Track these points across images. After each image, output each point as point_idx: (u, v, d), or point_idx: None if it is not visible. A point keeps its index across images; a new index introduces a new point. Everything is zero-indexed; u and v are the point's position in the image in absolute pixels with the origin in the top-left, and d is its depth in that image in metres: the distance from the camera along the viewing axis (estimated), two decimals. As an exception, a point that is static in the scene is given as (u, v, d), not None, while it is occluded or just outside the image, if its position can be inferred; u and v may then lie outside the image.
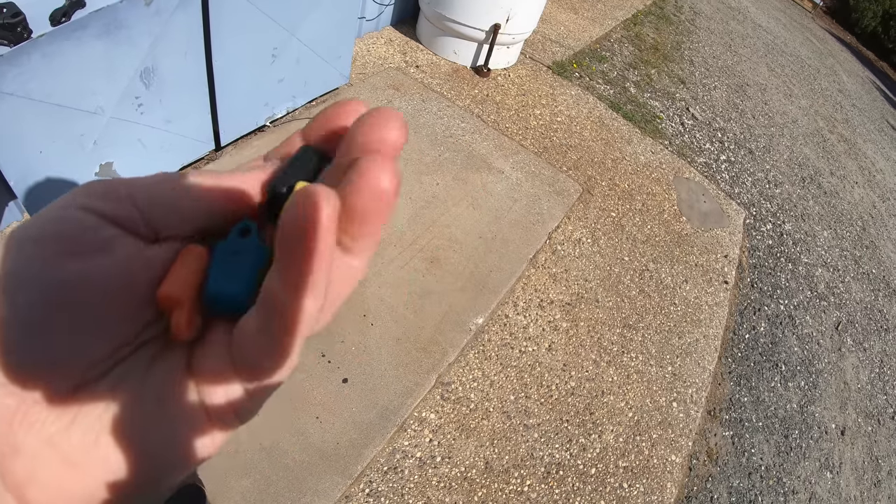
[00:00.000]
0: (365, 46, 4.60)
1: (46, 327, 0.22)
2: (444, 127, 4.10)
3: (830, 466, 3.52)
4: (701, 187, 4.82)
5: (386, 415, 2.57)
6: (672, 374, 3.32)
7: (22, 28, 1.99)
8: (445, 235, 3.37)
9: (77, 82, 2.22)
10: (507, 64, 5.00)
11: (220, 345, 0.26)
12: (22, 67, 1.99)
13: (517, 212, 3.71)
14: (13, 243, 0.23)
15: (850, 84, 9.76)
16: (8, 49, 1.96)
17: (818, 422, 3.72)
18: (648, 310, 3.59)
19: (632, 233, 4.04)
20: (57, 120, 2.22)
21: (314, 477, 2.31)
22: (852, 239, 5.54)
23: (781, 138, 6.43)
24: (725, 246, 4.38)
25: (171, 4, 2.39)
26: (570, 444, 2.83)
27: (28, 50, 1.99)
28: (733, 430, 3.34)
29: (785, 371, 3.87)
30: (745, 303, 4.12)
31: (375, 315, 2.89)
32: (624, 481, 2.79)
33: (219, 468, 2.24)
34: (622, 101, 5.34)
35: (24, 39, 1.99)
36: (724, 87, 6.75)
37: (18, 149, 2.18)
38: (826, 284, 4.79)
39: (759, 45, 8.69)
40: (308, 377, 2.58)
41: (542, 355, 3.10)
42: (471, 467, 2.59)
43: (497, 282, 3.28)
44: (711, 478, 3.07)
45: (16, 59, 1.97)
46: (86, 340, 0.24)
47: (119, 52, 2.31)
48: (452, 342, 2.93)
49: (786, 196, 5.49)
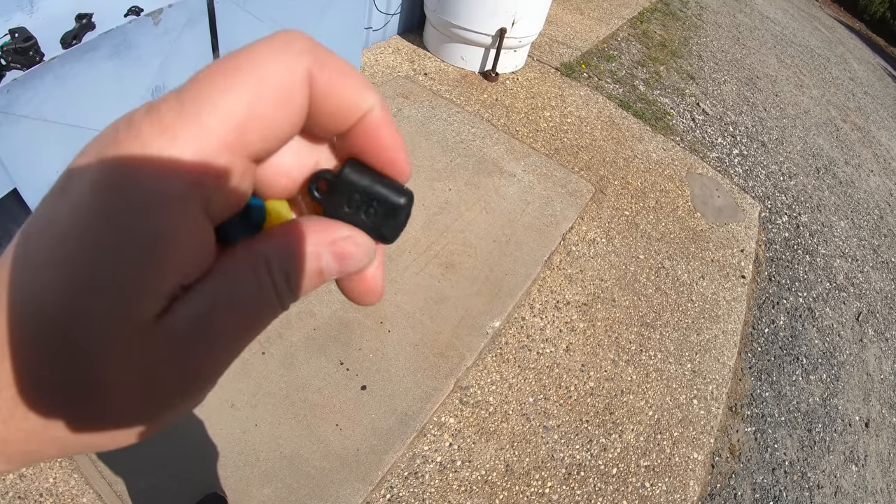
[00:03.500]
0: (373, 56, 4.63)
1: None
2: (455, 133, 4.11)
3: (855, 459, 3.48)
4: (714, 182, 4.80)
5: (405, 420, 2.58)
6: (692, 370, 3.31)
7: (34, 52, 2.03)
8: (459, 240, 3.38)
9: (90, 103, 2.26)
10: (514, 67, 5.01)
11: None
12: (35, 90, 2.03)
13: (530, 214, 3.72)
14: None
15: (861, 72, 9.67)
16: (21, 73, 1.99)
17: (841, 414, 3.68)
18: (665, 307, 3.58)
19: (646, 231, 4.03)
20: (71, 140, 2.26)
21: (335, 484, 2.32)
22: (870, 228, 5.48)
23: (794, 129, 6.38)
24: (741, 240, 4.35)
25: (179, 23, 2.42)
26: (591, 444, 2.82)
27: (41, 73, 2.03)
28: (755, 426, 3.32)
29: (806, 364, 3.84)
30: (763, 297, 4.09)
31: (392, 322, 2.91)
32: (646, 480, 2.78)
33: (240, 477, 2.27)
34: (632, 100, 5.33)
35: (36, 63, 2.03)
36: (733, 81, 6.71)
37: (35, 170, 2.21)
38: (845, 275, 4.75)
39: (768, 37, 8.64)
40: (327, 385, 2.60)
41: (559, 356, 3.10)
42: (491, 470, 2.59)
43: (512, 285, 3.28)
44: (734, 474, 3.05)
45: (29, 82, 2.01)
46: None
47: (130, 72, 2.34)
48: (470, 346, 2.94)
49: (801, 187, 5.44)
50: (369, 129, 0.27)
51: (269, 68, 0.23)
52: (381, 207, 0.29)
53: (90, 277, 0.21)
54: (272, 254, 0.26)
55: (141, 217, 0.22)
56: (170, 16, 2.36)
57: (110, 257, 0.21)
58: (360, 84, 0.27)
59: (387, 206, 0.29)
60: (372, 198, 0.28)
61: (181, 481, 2.23)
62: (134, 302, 0.22)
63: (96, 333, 0.22)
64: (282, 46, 0.24)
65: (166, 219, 0.22)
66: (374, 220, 0.29)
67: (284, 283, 0.27)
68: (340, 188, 0.28)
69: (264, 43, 0.24)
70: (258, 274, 0.26)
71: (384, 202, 0.28)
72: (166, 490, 2.22)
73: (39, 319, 0.22)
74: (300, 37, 0.25)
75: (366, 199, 0.28)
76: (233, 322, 0.25)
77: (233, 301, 0.25)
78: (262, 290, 0.26)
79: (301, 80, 0.24)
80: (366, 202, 0.28)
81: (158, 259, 0.22)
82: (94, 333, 0.22)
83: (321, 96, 0.25)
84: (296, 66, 0.24)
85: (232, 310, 0.25)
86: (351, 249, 0.28)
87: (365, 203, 0.28)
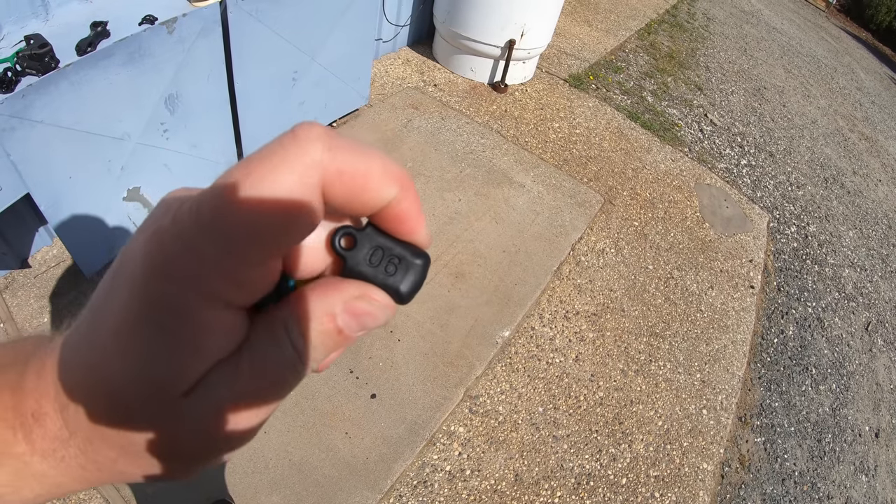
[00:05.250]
0: (383, 67, 4.66)
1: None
2: (464, 143, 4.13)
3: (866, 469, 3.46)
4: (723, 193, 4.79)
5: (415, 429, 2.58)
6: (701, 381, 3.30)
7: (49, 58, 2.05)
8: (469, 250, 3.39)
9: (104, 109, 2.28)
10: (523, 79, 5.03)
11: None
12: (50, 96, 2.05)
13: (540, 224, 3.72)
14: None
15: (868, 81, 9.66)
16: (37, 79, 2.02)
17: (851, 424, 3.66)
18: (675, 317, 3.57)
19: (655, 241, 4.03)
20: (85, 146, 2.28)
21: (344, 492, 2.32)
22: (878, 237, 5.46)
23: (802, 140, 6.37)
24: (750, 250, 4.34)
25: (193, 32, 2.45)
26: (600, 454, 2.81)
27: (56, 79, 2.05)
28: (765, 436, 3.30)
29: (815, 374, 3.82)
30: (772, 307, 4.08)
31: (402, 331, 2.91)
32: (655, 491, 2.77)
33: (249, 484, 2.27)
34: (640, 111, 5.34)
35: (51, 69, 2.05)
36: (741, 92, 6.72)
37: (48, 175, 2.23)
38: (854, 285, 4.73)
39: (775, 48, 8.65)
40: (337, 393, 2.60)
41: (569, 366, 3.10)
42: (500, 480, 2.58)
43: (522, 294, 3.28)
44: (744, 485, 3.03)
45: (44, 88, 2.03)
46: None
47: (144, 80, 2.37)
48: (479, 356, 2.94)
49: (809, 197, 5.43)
50: (390, 215, 0.29)
51: (281, 183, 0.24)
52: (401, 266, 0.30)
53: (130, 369, 0.26)
54: (289, 316, 0.28)
55: (175, 319, 0.25)
56: (184, 25, 2.38)
57: (149, 353, 0.25)
58: (381, 175, 0.27)
59: (406, 264, 0.30)
60: (392, 255, 0.30)
61: (190, 487, 2.24)
62: (162, 388, 0.26)
63: (130, 411, 0.27)
64: (295, 157, 0.25)
65: (199, 317, 0.25)
66: (392, 279, 0.30)
67: (302, 344, 0.28)
68: (363, 244, 0.29)
69: (278, 151, 0.25)
70: (278, 338, 0.28)
71: (404, 260, 0.30)
72: (175, 495, 2.22)
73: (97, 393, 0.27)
74: (315, 139, 0.26)
75: (387, 257, 0.29)
76: (257, 389, 0.28)
77: (256, 368, 0.28)
78: (282, 353, 0.28)
79: (313, 191, 0.25)
80: (386, 259, 0.29)
81: (190, 352, 0.26)
82: (128, 412, 0.27)
83: (340, 198, 0.27)
84: (308, 178, 0.25)
85: (256, 377, 0.28)
86: (365, 307, 0.29)
87: (385, 260, 0.29)
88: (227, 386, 0.27)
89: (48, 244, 2.88)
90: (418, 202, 0.30)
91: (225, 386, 0.27)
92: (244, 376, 0.27)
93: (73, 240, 2.52)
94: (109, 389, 0.26)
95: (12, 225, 2.63)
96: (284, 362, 0.28)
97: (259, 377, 0.28)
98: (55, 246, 2.88)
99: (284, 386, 0.29)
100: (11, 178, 2.11)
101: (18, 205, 2.26)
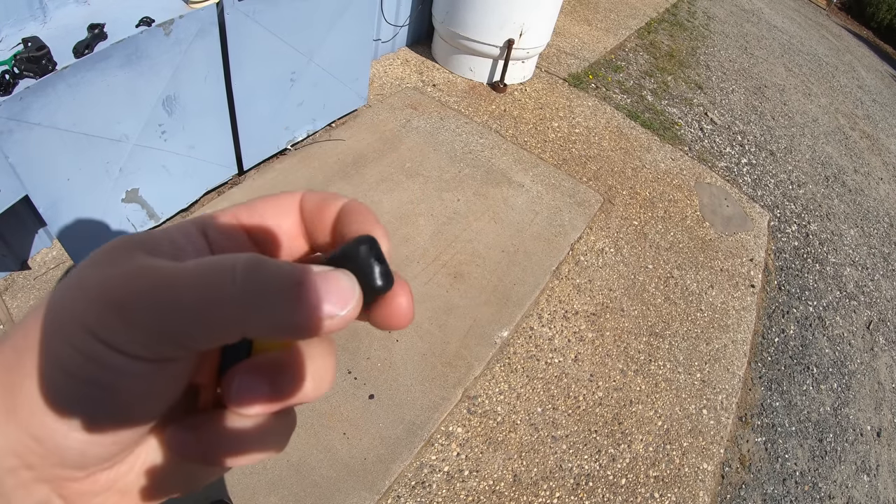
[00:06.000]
0: (382, 68, 4.66)
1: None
2: (463, 143, 4.12)
3: (867, 469, 3.45)
4: (723, 192, 4.79)
5: (413, 430, 2.58)
6: (701, 380, 3.29)
7: (47, 61, 2.05)
8: (468, 250, 3.39)
9: (102, 111, 2.28)
10: (522, 78, 5.03)
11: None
12: (48, 98, 2.06)
13: (539, 224, 3.72)
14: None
15: (869, 79, 9.64)
16: (34, 81, 2.02)
17: (853, 424, 3.65)
18: (675, 317, 3.57)
19: (655, 240, 4.02)
20: (83, 148, 2.28)
21: (342, 493, 2.32)
22: (880, 236, 5.45)
23: (803, 138, 6.36)
24: (750, 249, 4.33)
25: (191, 33, 2.45)
26: (599, 454, 2.81)
27: (53, 82, 2.05)
28: (766, 436, 3.30)
29: (817, 373, 3.81)
30: (773, 306, 4.07)
31: (400, 331, 2.90)
32: (655, 491, 2.77)
33: (247, 485, 2.27)
34: (640, 110, 5.34)
35: (49, 71, 2.05)
36: (741, 90, 6.71)
37: (47, 177, 2.23)
38: (855, 283, 4.72)
39: (775, 46, 8.64)
40: (335, 394, 2.60)
41: (568, 366, 3.09)
42: (499, 480, 2.58)
43: (521, 294, 3.28)
44: (745, 485, 3.03)
45: (42, 90, 2.03)
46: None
47: (142, 82, 2.37)
48: (478, 356, 2.94)
49: (810, 196, 5.42)
50: (344, 211, 0.33)
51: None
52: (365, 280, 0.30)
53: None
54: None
55: (109, 391, 0.25)
56: (181, 26, 2.38)
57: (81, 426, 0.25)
58: (333, 195, 0.34)
59: (369, 281, 0.30)
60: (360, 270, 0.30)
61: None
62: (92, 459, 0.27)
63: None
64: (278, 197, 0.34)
65: (134, 387, 0.25)
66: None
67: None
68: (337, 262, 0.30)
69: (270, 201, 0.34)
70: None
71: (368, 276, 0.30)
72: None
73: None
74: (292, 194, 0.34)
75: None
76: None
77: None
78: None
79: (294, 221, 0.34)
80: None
81: (122, 422, 0.26)
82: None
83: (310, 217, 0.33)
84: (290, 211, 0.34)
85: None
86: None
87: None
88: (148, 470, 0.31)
89: (48, 246, 2.88)
90: (367, 207, 0.34)
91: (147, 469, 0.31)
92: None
93: (73, 241, 2.53)
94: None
95: (12, 227, 2.63)
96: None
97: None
98: (55, 248, 2.88)
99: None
100: (10, 180, 2.11)
101: (18, 207, 2.26)
